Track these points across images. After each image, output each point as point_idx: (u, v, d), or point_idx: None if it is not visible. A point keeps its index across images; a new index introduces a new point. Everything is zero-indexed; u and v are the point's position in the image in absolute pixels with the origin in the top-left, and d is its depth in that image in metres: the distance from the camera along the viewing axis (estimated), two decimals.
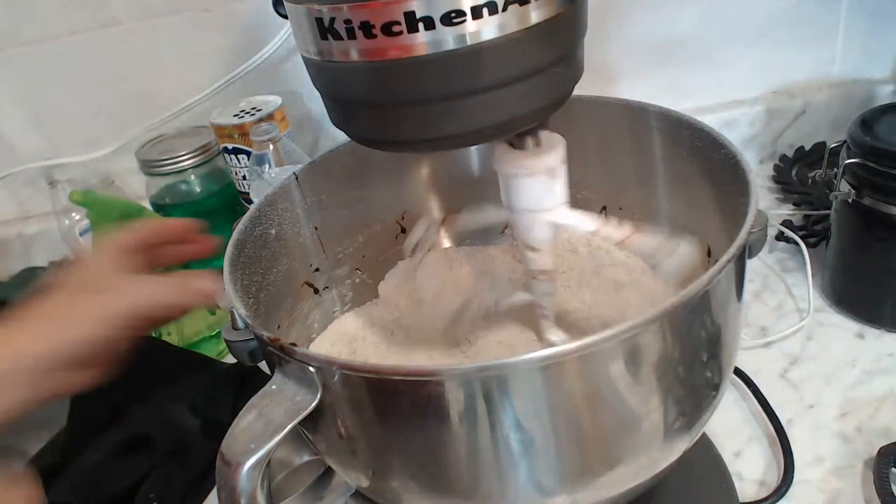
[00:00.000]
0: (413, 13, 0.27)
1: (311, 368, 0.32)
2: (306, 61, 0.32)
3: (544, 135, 0.37)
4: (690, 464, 0.39)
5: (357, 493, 0.46)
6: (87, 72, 0.82)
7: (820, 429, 0.52)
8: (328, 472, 0.51)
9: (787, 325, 0.61)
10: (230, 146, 0.75)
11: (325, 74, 0.32)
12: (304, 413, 0.32)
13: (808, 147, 0.83)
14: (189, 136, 0.80)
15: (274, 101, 0.77)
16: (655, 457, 0.35)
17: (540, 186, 0.37)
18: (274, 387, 0.33)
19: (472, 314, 0.46)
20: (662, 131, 0.45)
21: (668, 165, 0.46)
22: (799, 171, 0.81)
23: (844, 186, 0.58)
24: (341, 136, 0.37)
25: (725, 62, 0.81)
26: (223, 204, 0.79)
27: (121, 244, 0.42)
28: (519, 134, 0.36)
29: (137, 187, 0.83)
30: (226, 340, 0.36)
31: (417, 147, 0.34)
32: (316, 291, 0.50)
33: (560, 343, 0.29)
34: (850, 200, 0.57)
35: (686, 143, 0.43)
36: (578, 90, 0.35)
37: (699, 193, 0.43)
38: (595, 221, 0.39)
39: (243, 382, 0.62)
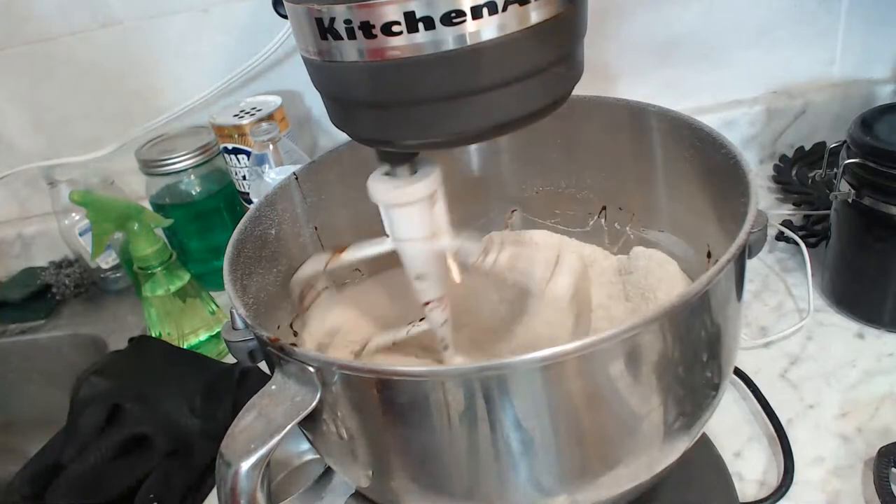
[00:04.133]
0: (413, 13, 0.27)
1: (311, 368, 0.32)
2: (306, 61, 0.32)
3: (419, 160, 0.37)
4: (690, 464, 0.39)
5: (357, 493, 0.46)
6: (87, 72, 0.82)
7: (820, 429, 0.52)
8: (328, 472, 0.51)
9: (787, 325, 0.61)
10: (230, 146, 0.75)
11: (325, 74, 0.32)
12: (304, 413, 0.32)
13: (808, 147, 0.83)
14: (189, 136, 0.80)
15: (274, 101, 0.77)
16: (655, 457, 0.35)
17: (420, 215, 0.37)
18: (274, 387, 0.33)
19: (377, 346, 0.46)
20: (662, 131, 0.45)
21: (668, 165, 0.46)
22: (799, 171, 0.81)
23: (844, 186, 0.58)
24: (341, 136, 0.37)
25: (725, 62, 0.81)
26: (223, 204, 0.79)
27: None
28: (394, 161, 0.36)
29: (137, 187, 0.83)
30: (226, 340, 0.36)
31: (417, 147, 0.34)
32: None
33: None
34: (850, 200, 0.57)
35: (686, 143, 0.43)
36: (578, 90, 0.35)
37: (699, 193, 0.43)
38: (477, 249, 0.39)
39: (243, 382, 0.62)
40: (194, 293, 0.71)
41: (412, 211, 0.37)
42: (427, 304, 0.40)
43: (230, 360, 0.66)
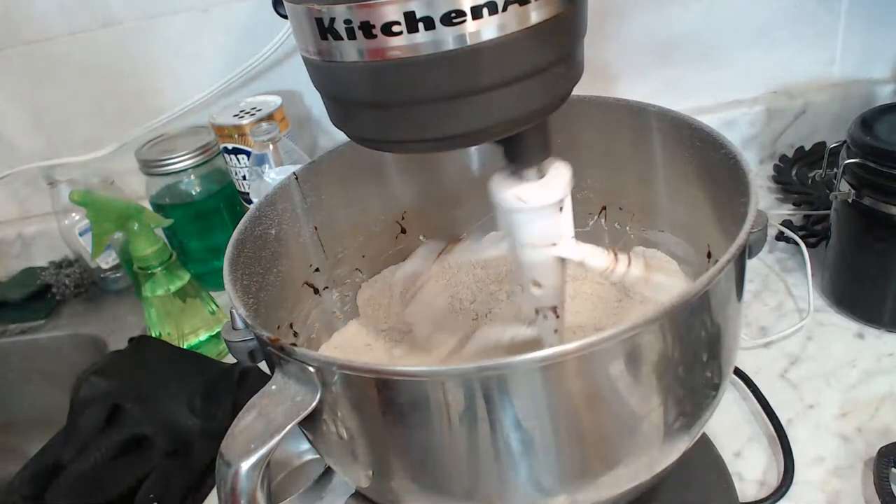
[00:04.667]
0: (413, 13, 0.27)
1: (311, 368, 0.32)
2: (306, 61, 0.32)
3: (549, 162, 0.35)
4: (690, 464, 0.39)
5: (357, 493, 0.46)
6: (87, 72, 0.82)
7: (820, 429, 0.52)
8: (328, 472, 0.51)
9: (787, 325, 0.61)
10: (230, 146, 0.75)
11: (324, 74, 0.32)
12: (304, 413, 0.32)
13: (808, 147, 0.83)
14: (189, 136, 0.80)
15: (274, 101, 0.77)
16: (655, 457, 0.35)
17: (545, 221, 0.35)
18: (274, 387, 0.33)
19: (472, 350, 0.44)
20: (662, 131, 0.45)
21: (668, 165, 0.46)
22: (799, 171, 0.81)
23: (844, 186, 0.58)
24: (341, 136, 0.37)
25: (725, 62, 0.81)
26: (223, 204, 0.79)
27: None
28: (521, 162, 0.34)
29: (137, 187, 0.83)
30: (226, 340, 0.36)
31: (417, 147, 0.34)
32: (316, 291, 0.50)
33: None
34: (850, 200, 0.57)
35: (686, 143, 0.43)
36: (578, 90, 0.35)
37: (699, 193, 0.43)
38: (605, 258, 0.37)
39: (243, 382, 0.62)
40: (194, 293, 0.71)
41: (537, 217, 0.35)
42: (538, 311, 0.38)
43: (230, 360, 0.66)
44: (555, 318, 0.39)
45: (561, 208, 0.36)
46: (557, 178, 0.35)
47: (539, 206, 0.35)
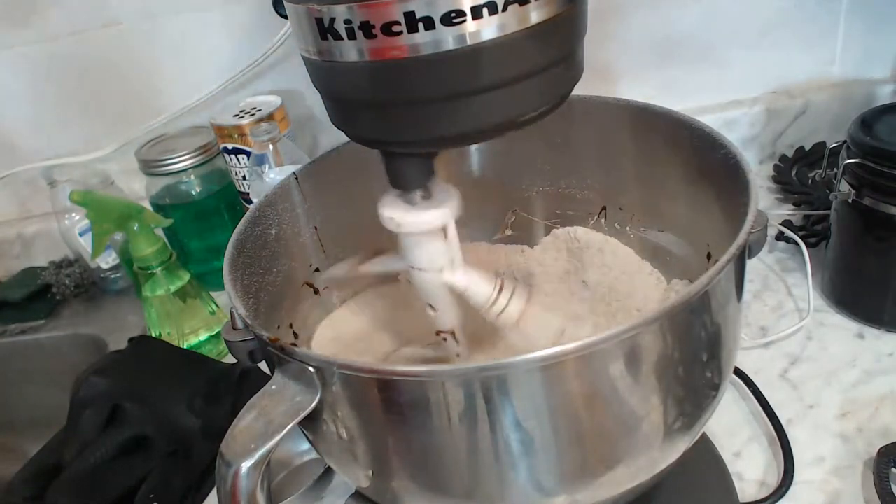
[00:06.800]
0: (413, 13, 0.27)
1: (311, 368, 0.32)
2: (306, 61, 0.32)
3: (436, 187, 0.35)
4: (690, 464, 0.39)
5: (357, 493, 0.46)
6: (87, 72, 0.82)
7: (820, 429, 0.52)
8: (328, 472, 0.51)
9: (787, 325, 0.61)
10: (230, 146, 0.75)
11: (325, 74, 0.32)
12: (304, 413, 0.32)
13: (808, 147, 0.83)
14: (189, 136, 0.80)
15: (274, 101, 0.77)
16: (655, 457, 0.35)
17: (430, 246, 0.36)
18: (274, 387, 0.33)
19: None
20: (662, 131, 0.45)
21: (668, 165, 0.46)
22: (799, 171, 0.81)
23: (844, 186, 0.58)
24: (341, 136, 0.37)
25: (725, 62, 0.81)
26: (223, 204, 0.79)
27: None
28: (408, 186, 0.34)
29: (137, 187, 0.83)
30: (226, 340, 0.36)
31: (417, 147, 0.34)
32: (316, 291, 0.50)
33: None
34: (850, 200, 0.57)
35: (686, 143, 0.43)
36: (578, 90, 0.35)
37: (699, 193, 0.43)
38: (487, 290, 0.36)
39: (243, 382, 0.62)
40: (194, 293, 0.71)
41: (422, 240, 0.36)
42: (439, 333, 0.39)
43: (230, 360, 0.66)
44: (454, 342, 0.39)
45: (445, 235, 0.36)
46: (439, 203, 0.35)
47: (419, 232, 0.35)
